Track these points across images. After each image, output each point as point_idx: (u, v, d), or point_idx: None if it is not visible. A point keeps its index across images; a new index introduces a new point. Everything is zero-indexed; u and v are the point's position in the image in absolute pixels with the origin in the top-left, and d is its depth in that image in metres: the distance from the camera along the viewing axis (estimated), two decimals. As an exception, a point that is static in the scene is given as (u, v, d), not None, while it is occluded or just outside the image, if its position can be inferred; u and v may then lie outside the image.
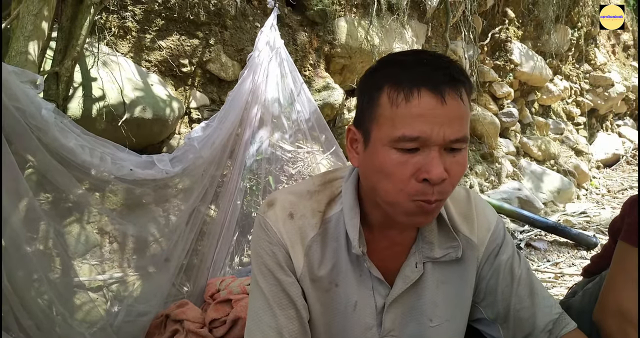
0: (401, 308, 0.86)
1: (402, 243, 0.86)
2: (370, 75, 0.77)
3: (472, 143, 3.85)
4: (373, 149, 0.74)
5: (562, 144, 4.70)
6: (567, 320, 0.87)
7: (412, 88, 0.69)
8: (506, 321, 0.88)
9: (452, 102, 0.69)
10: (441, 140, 0.70)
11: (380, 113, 0.72)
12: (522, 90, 4.41)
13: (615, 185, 4.52)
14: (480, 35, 3.81)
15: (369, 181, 0.78)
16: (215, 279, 1.63)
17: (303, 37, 2.66)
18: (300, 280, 0.84)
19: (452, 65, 0.73)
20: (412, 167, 0.71)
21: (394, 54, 0.78)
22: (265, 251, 0.84)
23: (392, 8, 3.00)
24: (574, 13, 4.80)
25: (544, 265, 2.72)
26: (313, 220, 0.85)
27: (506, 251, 0.89)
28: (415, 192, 0.71)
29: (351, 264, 0.84)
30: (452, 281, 0.86)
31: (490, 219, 0.89)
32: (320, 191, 0.87)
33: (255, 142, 1.99)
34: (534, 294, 0.88)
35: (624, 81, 5.44)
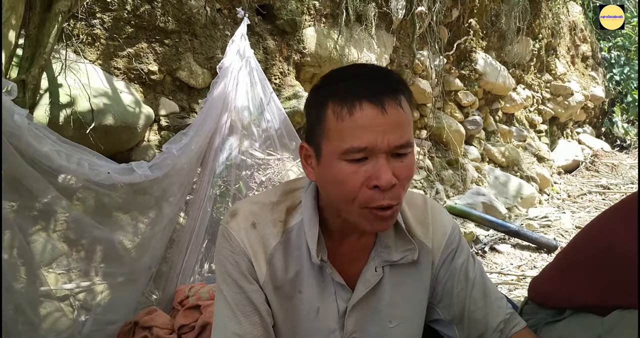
0: (362, 311, 0.89)
1: (362, 248, 0.89)
2: (315, 93, 0.82)
3: (439, 150, 3.95)
4: (325, 163, 0.78)
5: (524, 150, 4.87)
6: (517, 320, 0.92)
7: (353, 101, 0.74)
8: (461, 322, 0.92)
9: (392, 110, 0.74)
10: (386, 148, 0.74)
11: (327, 127, 0.76)
12: (486, 99, 4.54)
13: (575, 190, 4.70)
14: (445, 45, 3.92)
15: (327, 193, 0.82)
16: (184, 286, 1.64)
17: (273, 45, 2.69)
18: (264, 288, 0.87)
19: (390, 76, 0.78)
20: (362, 175, 0.75)
21: (335, 70, 0.83)
22: (228, 260, 0.87)
23: (361, 18, 3.07)
24: (535, 25, 4.99)
25: (507, 268, 2.81)
26: (275, 229, 0.88)
27: (461, 255, 0.93)
28: (368, 199, 0.75)
29: (314, 271, 0.87)
30: (409, 283, 0.91)
31: (447, 225, 0.94)
32: (282, 201, 0.90)
33: (225, 150, 2.01)
34: (487, 296, 0.93)
35: (583, 90, 5.67)
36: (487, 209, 3.38)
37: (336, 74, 0.81)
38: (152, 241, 1.85)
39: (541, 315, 1.04)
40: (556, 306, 1.01)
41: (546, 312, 1.03)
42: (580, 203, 4.26)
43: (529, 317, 1.07)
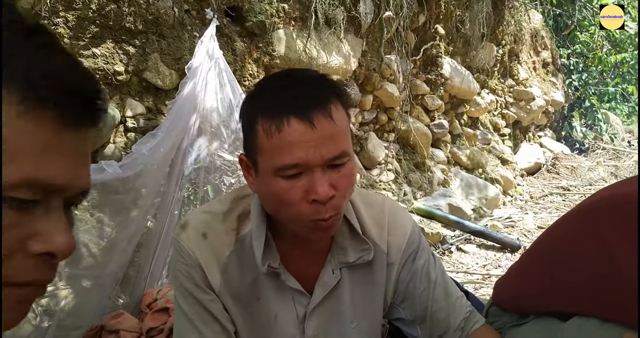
0: (323, 314, 0.90)
1: (318, 251, 0.90)
2: (246, 103, 0.82)
3: (406, 153, 4.02)
4: (262, 178, 0.78)
5: (489, 153, 5.00)
6: (477, 317, 0.95)
7: (281, 118, 0.73)
8: (424, 321, 0.94)
9: (321, 124, 0.73)
10: (319, 161, 0.74)
11: (259, 143, 0.76)
12: (452, 103, 4.65)
13: (537, 192, 4.86)
14: (413, 50, 4.00)
15: (268, 206, 0.82)
16: (152, 289, 1.62)
17: (242, 47, 2.69)
18: (220, 297, 0.87)
19: (320, 84, 0.77)
20: (299, 190, 0.74)
21: (267, 79, 0.83)
22: (181, 273, 0.87)
23: (330, 22, 3.10)
24: (499, 31, 5.14)
25: (473, 267, 2.88)
26: (227, 238, 0.87)
27: (422, 256, 0.95)
28: (309, 213, 0.75)
29: (269, 278, 0.87)
30: (365, 283, 0.92)
31: (406, 226, 0.95)
32: (233, 208, 0.90)
33: (194, 151, 2.00)
34: (449, 296, 0.95)
35: (543, 95, 5.87)
36: (453, 210, 3.46)
37: (266, 84, 0.81)
38: (119, 245, 1.82)
39: (506, 318, 1.06)
40: (520, 310, 1.03)
41: (510, 315, 1.05)
42: (542, 205, 4.41)
43: (494, 319, 1.09)
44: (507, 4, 5.11)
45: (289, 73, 0.85)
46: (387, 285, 0.94)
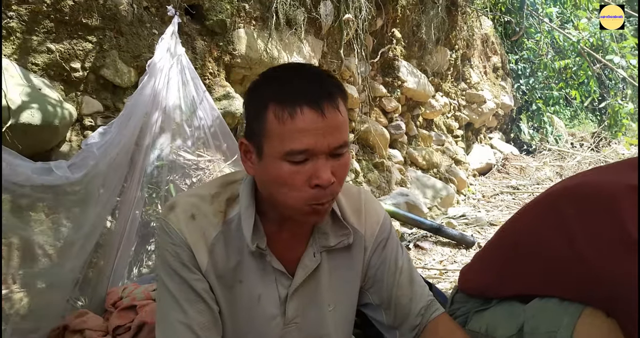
0: (303, 296, 0.94)
1: (301, 234, 0.94)
2: (254, 91, 0.85)
3: (365, 153, 4.09)
4: (267, 161, 0.82)
5: (443, 154, 5.16)
6: (436, 306, 1.01)
7: (294, 106, 0.78)
8: (389, 306, 1.00)
9: (330, 114, 0.79)
10: (326, 149, 0.79)
11: (268, 128, 0.80)
12: (408, 105, 4.77)
13: (489, 191, 5.06)
14: (371, 53, 4.08)
15: (266, 189, 0.86)
16: (117, 288, 1.58)
17: (202, 46, 2.67)
18: (206, 276, 0.89)
19: (328, 79, 0.83)
20: (304, 175, 0.80)
21: (275, 70, 0.86)
22: (169, 252, 0.88)
23: (290, 23, 3.12)
24: (452, 36, 5.33)
25: (430, 263, 2.97)
26: (215, 219, 0.90)
27: (392, 243, 1.01)
28: (310, 197, 0.81)
29: (254, 260, 0.91)
30: (343, 267, 0.97)
31: (379, 214, 1.01)
32: (221, 193, 0.93)
33: (156, 149, 1.96)
34: (413, 283, 1.00)
35: (494, 99, 6.11)
36: (410, 209, 3.55)
37: (276, 74, 0.84)
38: (76, 245, 1.76)
39: (471, 304, 1.11)
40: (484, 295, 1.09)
41: (475, 300, 1.10)
42: (493, 203, 4.60)
43: (459, 305, 1.14)
44: (460, 10, 5.30)
45: (296, 65, 0.90)
46: (362, 269, 0.98)
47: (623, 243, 0.76)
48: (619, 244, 0.77)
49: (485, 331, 1.00)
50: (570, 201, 0.91)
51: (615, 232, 0.78)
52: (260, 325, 0.93)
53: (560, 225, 0.90)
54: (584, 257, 0.82)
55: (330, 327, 0.96)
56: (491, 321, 1.01)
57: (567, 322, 0.85)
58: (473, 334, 1.03)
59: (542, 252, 0.92)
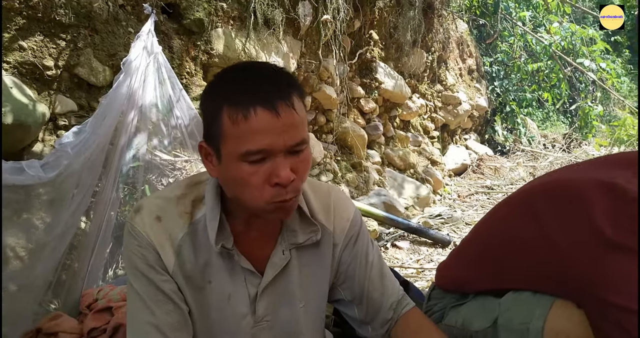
0: (273, 294, 0.94)
1: (269, 233, 0.95)
2: (209, 93, 0.86)
3: (344, 153, 4.11)
4: (226, 163, 0.82)
5: (419, 155, 5.23)
6: (407, 300, 1.03)
7: (248, 107, 0.78)
8: (361, 302, 1.01)
9: (285, 113, 0.79)
10: (282, 147, 0.80)
11: (224, 131, 0.80)
12: (385, 107, 4.81)
13: (464, 191, 5.15)
14: (349, 54, 4.10)
15: (230, 190, 0.86)
16: (92, 290, 1.55)
17: (179, 45, 2.64)
18: (174, 277, 0.89)
19: (282, 77, 0.83)
20: (263, 175, 0.80)
21: (229, 71, 0.86)
22: (135, 255, 0.88)
23: (269, 23, 3.12)
24: (428, 39, 5.40)
25: (407, 262, 3.01)
26: (181, 221, 0.90)
27: (363, 239, 1.02)
28: (271, 196, 0.81)
29: (222, 260, 0.91)
30: (312, 264, 0.98)
31: (349, 210, 1.02)
32: (187, 194, 0.93)
33: (132, 149, 1.94)
34: (384, 277, 1.02)
35: (469, 100, 6.22)
36: (388, 208, 3.59)
37: (230, 75, 0.85)
38: (49, 247, 1.72)
39: (447, 299, 1.14)
40: (460, 291, 1.11)
41: (451, 296, 1.13)
42: (468, 203, 4.67)
43: (436, 301, 1.17)
44: (436, 13, 5.38)
45: (250, 65, 0.88)
46: (331, 265, 0.99)
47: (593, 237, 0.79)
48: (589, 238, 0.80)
49: (462, 325, 1.03)
50: (543, 198, 0.94)
51: (585, 226, 0.81)
52: (231, 324, 0.93)
53: (533, 220, 0.93)
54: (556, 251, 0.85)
55: (301, 324, 0.97)
56: (467, 315, 1.03)
57: (540, 313, 0.89)
58: (449, 328, 1.05)
59: (515, 247, 0.95)
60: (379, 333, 1.02)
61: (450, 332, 1.04)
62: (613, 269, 0.77)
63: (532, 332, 0.89)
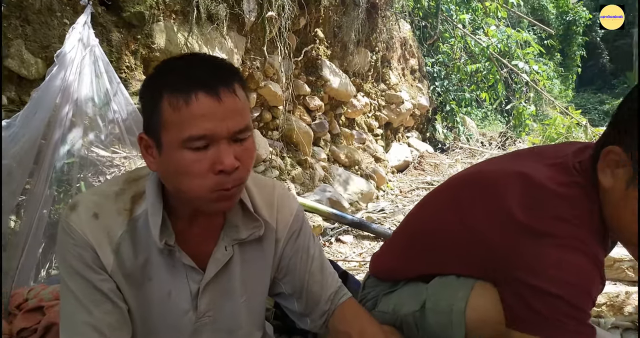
0: (215, 289, 0.94)
1: (212, 229, 0.94)
2: (149, 84, 0.84)
3: (290, 150, 4.14)
4: (167, 153, 0.80)
5: (364, 152, 5.34)
6: (344, 291, 1.06)
7: (189, 92, 0.77)
8: (301, 295, 1.03)
9: (227, 98, 0.78)
10: (226, 133, 0.79)
11: (164, 119, 0.79)
12: (331, 104, 4.88)
13: (406, 187, 5.31)
14: (295, 51, 4.12)
15: (171, 182, 0.84)
16: (22, 289, 1.49)
17: (119, 38, 2.57)
18: (112, 276, 0.88)
19: (223, 65, 0.83)
20: (206, 162, 0.79)
21: (168, 61, 0.86)
22: (71, 254, 0.86)
23: (212, 18, 3.09)
24: (373, 38, 5.51)
25: (350, 255, 3.08)
26: (120, 218, 0.88)
27: (305, 234, 1.04)
28: (215, 184, 0.80)
29: (163, 257, 0.90)
30: (256, 259, 0.98)
31: (292, 206, 1.03)
32: (126, 190, 0.91)
33: (66, 144, 1.87)
34: (324, 270, 1.05)
35: (411, 99, 6.41)
36: (333, 204, 3.65)
37: (170, 64, 0.84)
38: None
39: (380, 287, 1.19)
40: (392, 278, 1.17)
41: (385, 284, 1.18)
42: (410, 198, 4.83)
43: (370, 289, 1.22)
44: (380, 13, 5.50)
45: (191, 54, 0.88)
46: (273, 260, 1.01)
47: (507, 221, 0.88)
48: (503, 222, 0.88)
49: (393, 310, 1.08)
50: (463, 188, 1.03)
51: (500, 212, 0.89)
52: (173, 320, 0.93)
53: (454, 208, 1.01)
54: (475, 235, 0.93)
55: (242, 318, 0.99)
56: (398, 301, 1.09)
57: (462, 295, 0.96)
58: (382, 314, 1.11)
59: (440, 234, 1.02)
60: (317, 325, 1.05)
61: (383, 318, 1.09)
62: (524, 250, 0.85)
63: (455, 312, 0.96)
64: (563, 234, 0.84)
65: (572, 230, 0.84)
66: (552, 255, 0.83)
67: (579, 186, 0.88)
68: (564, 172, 0.90)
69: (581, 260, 0.82)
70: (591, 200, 0.87)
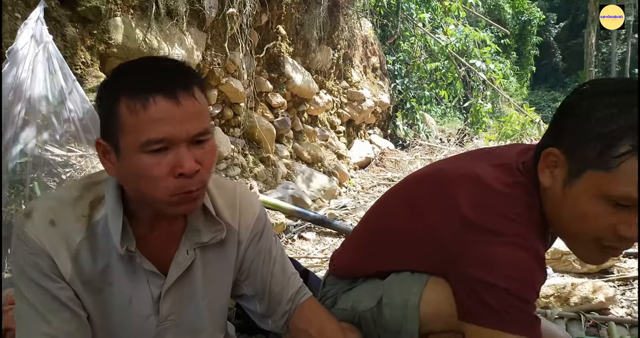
0: (178, 293, 0.94)
1: (173, 234, 0.93)
2: (106, 88, 0.83)
3: (252, 148, 4.13)
4: (126, 157, 0.79)
5: (326, 149, 5.38)
6: (305, 290, 1.08)
7: (147, 96, 0.76)
8: (263, 296, 1.04)
9: (186, 102, 0.78)
10: (185, 136, 0.78)
11: (122, 123, 0.77)
12: (294, 101, 4.89)
13: (367, 183, 5.40)
14: (256, 48, 4.11)
15: (131, 186, 0.83)
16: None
17: (73, 33, 2.50)
18: (71, 284, 0.86)
19: (182, 68, 0.83)
20: (166, 166, 0.78)
21: (125, 64, 0.84)
22: (26, 263, 0.84)
23: (172, 13, 3.04)
24: (335, 36, 5.55)
25: (313, 252, 3.12)
26: (78, 224, 0.86)
27: (267, 235, 1.04)
28: (175, 187, 0.79)
29: (123, 262, 0.89)
30: (216, 262, 0.98)
31: (255, 208, 1.03)
32: (84, 195, 0.89)
33: (19, 144, 1.81)
34: (285, 271, 1.06)
35: (373, 97, 6.49)
36: (295, 201, 3.67)
37: (127, 67, 0.83)
38: None
39: (340, 285, 1.22)
40: (351, 276, 1.20)
41: (343, 281, 1.21)
42: (371, 194, 4.91)
43: (330, 287, 1.25)
44: (341, 11, 5.54)
45: (149, 58, 0.88)
46: (235, 263, 1.01)
47: (458, 220, 0.93)
48: (455, 220, 0.93)
49: (351, 307, 1.12)
50: (422, 186, 1.08)
51: (452, 210, 0.94)
52: (134, 325, 0.92)
53: (410, 206, 1.05)
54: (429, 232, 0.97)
55: (205, 320, 0.99)
56: (356, 298, 1.12)
57: (416, 290, 1.00)
58: (341, 312, 1.14)
59: (397, 231, 1.06)
60: (278, 325, 1.06)
61: (342, 315, 1.12)
62: (472, 246, 0.90)
63: (410, 307, 1.00)
64: (507, 231, 0.89)
65: (515, 227, 0.90)
66: (498, 252, 0.88)
67: (521, 186, 0.94)
68: (508, 173, 0.96)
69: (524, 255, 0.88)
70: (532, 199, 0.93)
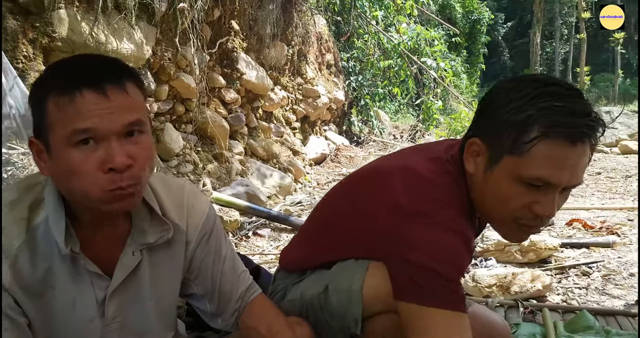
0: (124, 295, 0.93)
1: (118, 235, 0.91)
2: (35, 87, 0.81)
3: (204, 144, 4.08)
4: (56, 154, 0.77)
5: (282, 145, 5.39)
6: (255, 288, 1.10)
7: (74, 90, 0.75)
8: (213, 295, 1.04)
9: (115, 95, 0.76)
10: (115, 128, 0.76)
11: (51, 120, 0.76)
12: (248, 97, 4.87)
13: (323, 179, 5.45)
14: (208, 43, 4.06)
15: (63, 185, 0.81)
16: None
17: (15, 26, 2.40)
18: (9, 291, 0.84)
19: (114, 64, 0.82)
20: (95, 160, 0.76)
21: (58, 62, 0.83)
22: None
23: (120, 7, 2.96)
24: (289, 32, 5.56)
25: (267, 249, 3.13)
26: (16, 229, 0.84)
27: (216, 234, 1.04)
28: (106, 182, 0.77)
29: (65, 265, 0.87)
30: (164, 263, 0.97)
31: (203, 207, 1.02)
32: (22, 198, 0.86)
33: (-45, 141, 1.73)
34: (235, 270, 1.06)
35: (328, 94, 6.55)
36: (250, 198, 3.67)
37: (56, 66, 0.82)
38: None
39: (289, 279, 1.25)
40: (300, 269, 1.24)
41: (293, 275, 1.25)
42: (326, 190, 4.94)
43: (280, 282, 1.28)
44: (295, 7, 5.55)
45: (81, 55, 0.85)
46: (183, 263, 1.01)
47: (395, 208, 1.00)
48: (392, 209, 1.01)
49: (299, 296, 1.16)
50: (359, 181, 1.16)
51: (389, 200, 1.02)
52: (78, 328, 0.91)
53: (351, 199, 1.13)
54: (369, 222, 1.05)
55: (152, 321, 0.98)
56: (304, 288, 1.17)
57: (359, 275, 1.07)
58: (291, 302, 1.17)
59: (340, 223, 1.13)
60: (228, 324, 1.06)
61: (291, 306, 1.16)
62: (405, 229, 0.98)
63: (354, 291, 1.06)
64: (436, 214, 0.98)
65: (446, 211, 0.98)
66: (428, 233, 0.96)
67: (450, 174, 1.04)
68: (439, 164, 1.05)
69: (452, 237, 0.96)
70: (460, 186, 1.03)
